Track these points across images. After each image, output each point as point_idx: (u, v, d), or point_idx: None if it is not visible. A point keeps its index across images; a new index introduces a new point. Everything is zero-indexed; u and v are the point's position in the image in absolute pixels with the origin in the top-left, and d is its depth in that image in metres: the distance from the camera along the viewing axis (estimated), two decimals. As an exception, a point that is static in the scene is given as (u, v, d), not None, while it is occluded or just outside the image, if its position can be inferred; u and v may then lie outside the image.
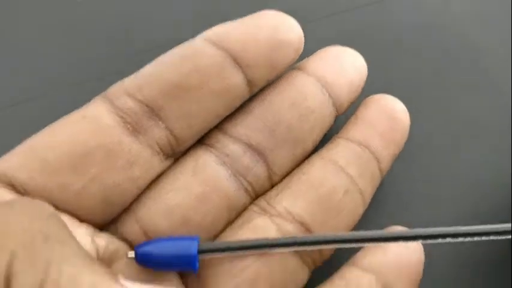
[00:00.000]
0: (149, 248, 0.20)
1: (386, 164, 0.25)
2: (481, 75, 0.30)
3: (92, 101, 0.22)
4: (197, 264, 0.20)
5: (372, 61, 0.30)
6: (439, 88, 0.30)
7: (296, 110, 0.23)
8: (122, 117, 0.21)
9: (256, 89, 0.23)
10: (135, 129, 0.21)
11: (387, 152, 0.24)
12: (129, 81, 0.22)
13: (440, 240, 0.21)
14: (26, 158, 0.20)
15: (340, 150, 0.24)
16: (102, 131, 0.20)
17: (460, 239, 0.21)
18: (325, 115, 0.24)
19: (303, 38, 0.24)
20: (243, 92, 0.22)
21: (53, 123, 0.21)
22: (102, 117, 0.21)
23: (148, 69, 0.22)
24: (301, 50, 0.24)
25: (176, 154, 0.22)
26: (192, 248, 0.20)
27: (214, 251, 0.20)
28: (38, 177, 0.19)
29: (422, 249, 0.23)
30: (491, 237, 0.21)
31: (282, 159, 0.23)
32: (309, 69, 0.24)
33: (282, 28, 0.23)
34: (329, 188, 0.23)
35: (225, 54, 0.22)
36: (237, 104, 0.23)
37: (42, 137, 0.21)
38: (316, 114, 0.24)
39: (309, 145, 0.24)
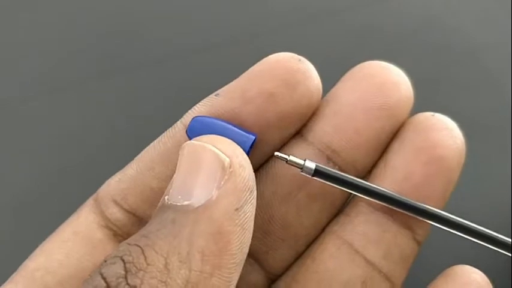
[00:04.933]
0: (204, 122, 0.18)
1: (424, 231, 0.20)
2: (481, 75, 0.30)
3: (83, 207, 0.20)
4: None
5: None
6: (439, 88, 0.30)
7: (292, 205, 0.20)
8: (112, 229, 0.20)
9: None
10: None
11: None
12: (115, 185, 0.20)
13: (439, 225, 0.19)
14: (27, 284, 0.18)
15: (358, 224, 0.20)
16: (97, 249, 0.19)
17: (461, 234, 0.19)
18: (333, 199, 0.20)
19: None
20: None
21: (47, 240, 0.20)
22: (94, 233, 0.19)
23: (130, 172, 0.20)
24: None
25: None
26: (247, 143, 0.18)
27: (329, 177, 0.18)
28: None
29: None
30: (491, 245, 0.19)
31: (282, 260, 0.20)
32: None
33: None
34: (342, 283, 0.19)
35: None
36: None
37: (39, 259, 0.19)
38: (318, 202, 0.20)
39: (314, 234, 0.20)
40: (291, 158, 0.18)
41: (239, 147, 0.16)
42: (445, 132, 0.19)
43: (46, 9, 0.30)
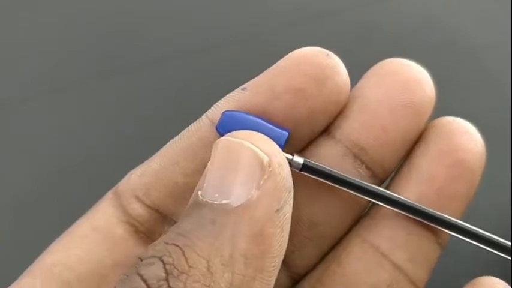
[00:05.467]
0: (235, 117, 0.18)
1: (447, 234, 0.20)
2: (481, 75, 0.30)
3: (101, 201, 0.20)
4: None
5: (372, 61, 0.30)
6: (439, 88, 0.30)
7: (319, 204, 0.20)
8: (133, 225, 0.19)
9: None
10: (148, 237, 0.19)
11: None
12: (136, 180, 0.19)
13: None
14: (46, 280, 0.18)
15: (384, 227, 0.20)
16: (117, 246, 0.19)
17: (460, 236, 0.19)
18: (358, 204, 0.20)
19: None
20: None
21: (65, 234, 0.19)
22: (114, 229, 0.19)
23: (154, 166, 0.19)
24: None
25: None
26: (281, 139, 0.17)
27: (317, 172, 0.18)
28: None
29: None
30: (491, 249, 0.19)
31: (307, 259, 0.20)
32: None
33: None
34: (369, 286, 0.19)
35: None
36: None
37: (57, 254, 0.18)
38: (345, 201, 0.20)
39: (340, 234, 0.20)
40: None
41: (276, 144, 0.16)
42: (466, 136, 0.19)
43: (46, 9, 0.30)
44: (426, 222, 0.19)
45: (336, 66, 0.18)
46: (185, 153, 0.19)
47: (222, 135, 0.17)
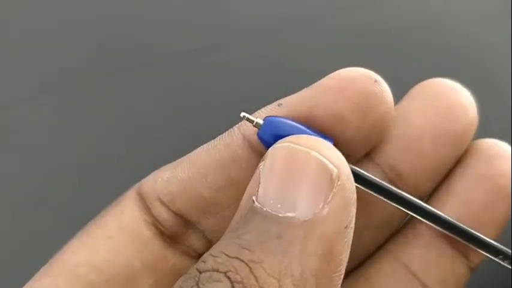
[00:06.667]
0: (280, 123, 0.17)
1: (478, 259, 0.19)
2: (481, 75, 0.30)
3: (124, 200, 0.19)
4: None
5: (372, 61, 0.30)
6: (439, 88, 0.30)
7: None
8: (158, 228, 0.19)
9: None
10: (173, 240, 0.19)
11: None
12: (163, 184, 0.19)
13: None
14: (69, 280, 0.17)
15: (416, 247, 0.19)
16: (144, 247, 0.18)
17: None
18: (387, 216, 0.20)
19: None
20: None
21: (87, 233, 0.18)
22: (141, 230, 0.18)
23: (181, 174, 0.18)
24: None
25: None
26: None
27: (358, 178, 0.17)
28: None
29: None
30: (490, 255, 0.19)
31: None
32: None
33: None
34: None
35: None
36: None
37: (82, 255, 0.18)
38: (377, 222, 0.20)
39: (370, 252, 0.20)
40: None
41: (342, 155, 0.15)
42: (508, 161, 0.19)
43: (46, 9, 0.30)
44: (452, 235, 0.19)
45: (382, 93, 0.17)
46: (214, 167, 0.18)
47: (263, 141, 0.17)
